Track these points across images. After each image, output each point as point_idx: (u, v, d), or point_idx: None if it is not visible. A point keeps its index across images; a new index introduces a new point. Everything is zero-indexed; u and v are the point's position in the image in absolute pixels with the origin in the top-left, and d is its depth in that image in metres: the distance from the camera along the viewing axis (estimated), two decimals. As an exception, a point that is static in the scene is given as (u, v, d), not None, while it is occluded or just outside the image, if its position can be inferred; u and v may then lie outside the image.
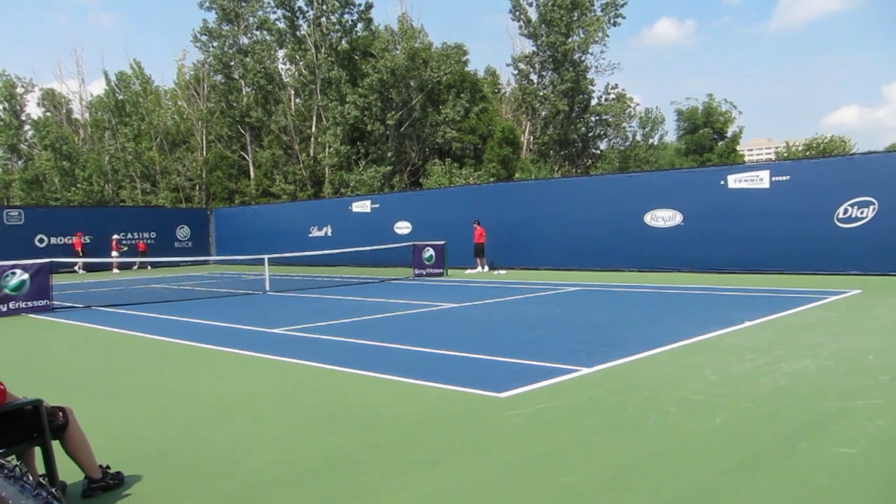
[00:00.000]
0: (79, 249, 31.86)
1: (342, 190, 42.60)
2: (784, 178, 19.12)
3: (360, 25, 46.03)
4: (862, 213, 17.84)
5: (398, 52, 43.48)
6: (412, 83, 43.89)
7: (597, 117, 51.46)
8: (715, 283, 17.05)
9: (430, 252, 22.67)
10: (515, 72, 48.81)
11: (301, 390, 6.83)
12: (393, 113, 43.30)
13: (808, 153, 60.98)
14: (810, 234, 18.51)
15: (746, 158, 76.28)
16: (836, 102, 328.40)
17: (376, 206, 30.10)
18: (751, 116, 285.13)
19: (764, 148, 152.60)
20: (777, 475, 4.13)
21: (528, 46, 48.45)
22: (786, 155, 70.11)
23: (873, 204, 17.67)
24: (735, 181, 19.89)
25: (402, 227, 28.48)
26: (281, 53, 46.74)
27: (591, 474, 4.25)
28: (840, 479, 4.05)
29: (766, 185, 19.36)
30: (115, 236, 32.42)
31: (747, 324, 10.01)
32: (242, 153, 48.41)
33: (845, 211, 18.06)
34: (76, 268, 31.43)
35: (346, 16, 45.17)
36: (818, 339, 8.67)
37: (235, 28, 46.34)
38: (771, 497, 3.80)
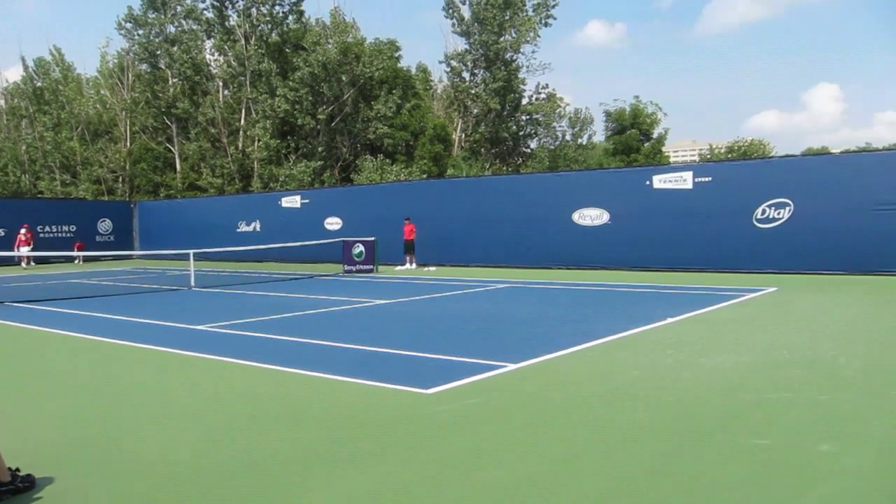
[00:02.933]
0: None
1: (271, 184, 41.91)
2: (706, 179, 19.72)
3: (291, 18, 45.32)
4: (779, 213, 18.54)
5: (330, 46, 43.02)
6: (344, 78, 43.50)
7: (527, 116, 52.08)
8: (640, 280, 17.46)
9: (360, 248, 22.52)
10: (448, 69, 48.97)
11: (224, 388, 6.68)
12: (324, 107, 42.85)
13: (729, 155, 63.11)
14: (730, 234, 19.14)
15: (672, 159, 78.42)
16: (757, 107, 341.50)
17: (306, 201, 29.74)
18: (676, 118, 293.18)
19: (689, 149, 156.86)
20: (696, 466, 4.25)
21: (460, 44, 48.69)
22: (709, 157, 72.40)
23: (789, 205, 18.39)
24: (660, 181, 20.41)
25: (333, 223, 28.20)
26: (209, 44, 45.68)
27: (518, 469, 4.28)
28: (754, 469, 4.19)
29: (689, 185, 19.93)
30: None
31: (669, 320, 10.27)
32: (168, 145, 47.07)
33: (763, 212, 18.74)
34: (22, 263, 29.82)
35: (276, 7, 44.43)
36: (736, 335, 8.97)
37: (162, 16, 45.04)
38: (690, 488, 3.91)
